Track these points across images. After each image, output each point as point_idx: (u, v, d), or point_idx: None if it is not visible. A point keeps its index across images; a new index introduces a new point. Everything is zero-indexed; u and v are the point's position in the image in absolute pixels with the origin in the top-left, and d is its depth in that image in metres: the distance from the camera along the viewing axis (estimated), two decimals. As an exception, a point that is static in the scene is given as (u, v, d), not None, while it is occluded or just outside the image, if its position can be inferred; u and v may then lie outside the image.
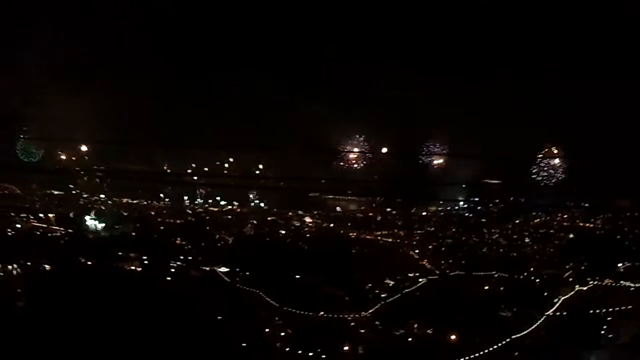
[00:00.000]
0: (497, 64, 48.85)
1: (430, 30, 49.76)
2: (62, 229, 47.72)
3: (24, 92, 43.79)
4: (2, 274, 42.03)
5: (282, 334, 41.47)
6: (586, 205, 50.09)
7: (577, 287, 42.24)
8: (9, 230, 46.03)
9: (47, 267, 43.23)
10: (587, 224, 50.00)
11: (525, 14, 46.68)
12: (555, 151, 50.82)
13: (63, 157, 50.36)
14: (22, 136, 43.59)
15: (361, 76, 50.08)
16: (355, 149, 55.26)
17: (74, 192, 51.72)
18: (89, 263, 44.29)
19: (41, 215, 48.40)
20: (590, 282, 42.52)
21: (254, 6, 47.61)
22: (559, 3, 45.02)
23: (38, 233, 47.20)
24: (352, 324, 42.57)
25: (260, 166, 54.77)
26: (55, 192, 51.54)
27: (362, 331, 42.17)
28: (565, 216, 50.85)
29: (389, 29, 49.80)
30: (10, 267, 42.24)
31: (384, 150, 55.80)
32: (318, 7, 48.56)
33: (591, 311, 39.59)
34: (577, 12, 44.55)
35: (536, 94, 49.28)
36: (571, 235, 48.96)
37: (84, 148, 50.04)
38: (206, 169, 54.51)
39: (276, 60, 51.11)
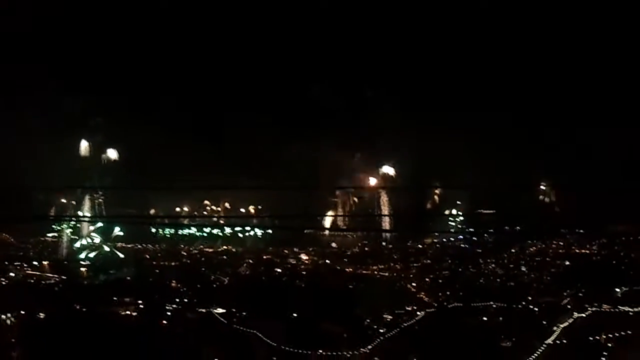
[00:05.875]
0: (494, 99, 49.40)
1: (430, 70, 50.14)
2: (56, 276, 47.53)
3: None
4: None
5: (281, 374, 41.14)
6: (581, 231, 50.16)
7: (575, 314, 41.91)
8: (2, 279, 45.80)
9: (42, 315, 43.05)
10: (583, 250, 49.90)
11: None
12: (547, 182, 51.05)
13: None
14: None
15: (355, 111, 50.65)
16: (350, 185, 55.62)
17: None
18: (84, 310, 44.05)
19: (35, 262, 48.22)
20: (589, 309, 42.16)
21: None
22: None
23: (32, 281, 46.96)
24: (351, 361, 42.19)
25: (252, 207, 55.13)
26: (49, 239, 51.49)
27: (362, 368, 41.75)
28: (561, 243, 50.78)
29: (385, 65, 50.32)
30: (4, 316, 42.03)
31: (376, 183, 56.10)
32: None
33: (591, 338, 39.25)
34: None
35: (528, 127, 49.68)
36: (567, 262, 48.76)
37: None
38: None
39: (272, 98, 51.51)
